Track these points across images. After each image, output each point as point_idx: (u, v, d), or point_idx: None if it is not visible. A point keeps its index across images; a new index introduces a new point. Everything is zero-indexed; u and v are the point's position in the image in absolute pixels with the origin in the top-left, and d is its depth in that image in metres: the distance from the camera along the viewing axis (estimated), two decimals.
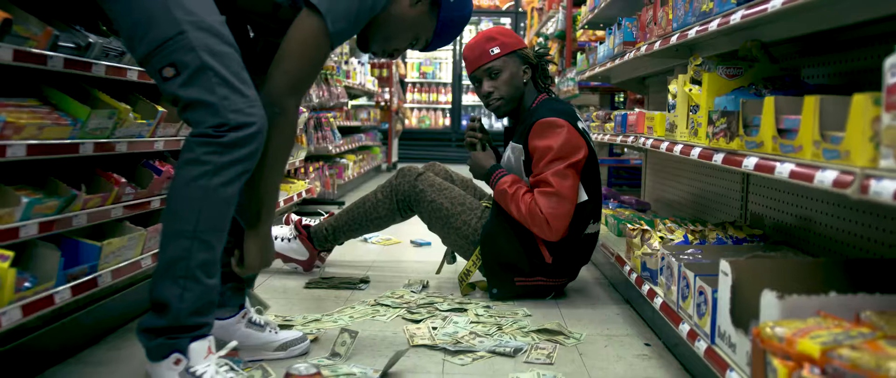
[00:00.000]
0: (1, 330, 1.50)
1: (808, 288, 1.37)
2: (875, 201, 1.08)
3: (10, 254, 1.53)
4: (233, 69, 1.55)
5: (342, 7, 1.70)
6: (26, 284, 1.62)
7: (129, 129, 2.06)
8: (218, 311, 1.81)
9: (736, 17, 1.67)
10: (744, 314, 1.48)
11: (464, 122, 11.53)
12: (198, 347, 1.58)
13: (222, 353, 1.64)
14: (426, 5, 1.92)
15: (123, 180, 2.04)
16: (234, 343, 1.69)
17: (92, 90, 2.01)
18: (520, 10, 11.31)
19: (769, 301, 1.34)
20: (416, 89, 11.79)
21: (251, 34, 2.05)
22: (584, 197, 2.58)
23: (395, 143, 9.61)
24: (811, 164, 1.30)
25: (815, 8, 1.37)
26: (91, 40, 1.88)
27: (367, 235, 3.94)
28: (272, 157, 1.73)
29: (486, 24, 11.51)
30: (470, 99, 11.73)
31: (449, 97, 11.73)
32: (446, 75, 11.82)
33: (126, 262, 2.04)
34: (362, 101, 7.97)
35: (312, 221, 3.10)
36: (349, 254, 3.51)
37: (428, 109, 11.82)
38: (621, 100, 5.83)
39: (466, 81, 11.59)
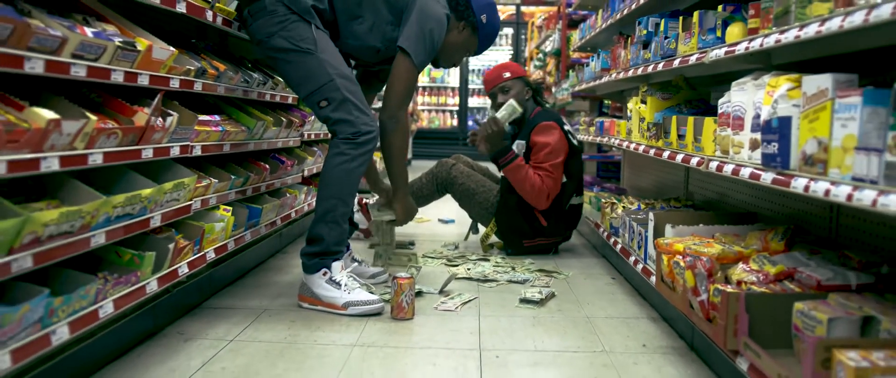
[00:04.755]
0: (227, 252, 2.56)
1: (694, 224, 2.44)
2: (708, 172, 2.14)
3: (231, 208, 2.60)
4: (360, 98, 2.60)
5: (421, 48, 2.72)
6: None
7: (267, 133, 3.11)
8: None
9: (660, 66, 2.74)
10: None
11: (470, 123, 12.36)
12: (336, 265, 2.62)
13: (348, 269, 2.69)
14: (468, 30, 2.97)
15: (267, 167, 3.09)
16: (354, 264, 2.75)
17: (246, 106, 3.06)
18: (520, 21, 12.19)
19: (668, 229, 2.40)
20: (426, 92, 12.58)
21: (352, 63, 3.10)
22: (564, 178, 3.63)
23: (410, 141, 10.62)
24: (690, 154, 2.36)
25: (697, 66, 2.42)
26: (254, 76, 2.93)
27: None
28: (396, 151, 2.78)
29: None
30: (475, 102, 12.59)
31: (456, 100, 12.50)
32: (454, 80, 12.63)
33: (268, 221, 3.10)
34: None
35: (370, 200, 4.15)
36: None
37: (437, 111, 12.62)
38: (608, 103, 6.88)
39: (473, 86, 12.48)
